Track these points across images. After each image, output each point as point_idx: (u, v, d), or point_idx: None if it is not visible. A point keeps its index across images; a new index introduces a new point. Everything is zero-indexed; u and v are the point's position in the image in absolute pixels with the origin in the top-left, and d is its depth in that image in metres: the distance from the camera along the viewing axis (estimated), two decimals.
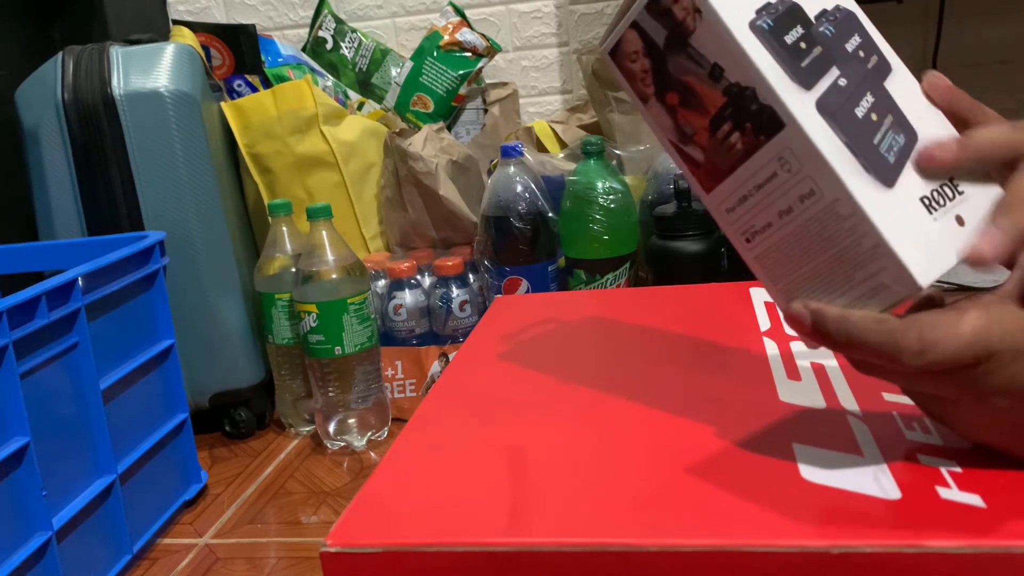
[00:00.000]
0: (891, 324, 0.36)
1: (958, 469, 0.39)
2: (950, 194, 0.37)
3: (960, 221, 0.37)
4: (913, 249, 0.36)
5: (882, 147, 0.37)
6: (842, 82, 0.37)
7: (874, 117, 0.37)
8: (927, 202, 0.37)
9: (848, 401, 0.46)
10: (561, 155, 1.32)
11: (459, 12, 1.54)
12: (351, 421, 1.12)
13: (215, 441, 1.21)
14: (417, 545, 0.37)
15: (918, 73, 0.41)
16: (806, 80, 0.37)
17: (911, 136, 0.38)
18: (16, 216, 1.21)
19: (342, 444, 1.13)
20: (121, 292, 0.93)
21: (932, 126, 0.39)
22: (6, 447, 0.74)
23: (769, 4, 0.37)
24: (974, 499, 0.36)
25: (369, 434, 1.13)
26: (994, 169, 0.39)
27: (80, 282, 0.84)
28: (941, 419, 0.40)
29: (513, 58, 1.67)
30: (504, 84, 1.61)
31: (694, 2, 0.37)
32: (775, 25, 0.37)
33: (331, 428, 1.12)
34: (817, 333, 0.37)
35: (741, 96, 0.37)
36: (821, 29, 0.38)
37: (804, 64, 0.37)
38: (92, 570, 0.86)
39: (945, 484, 0.37)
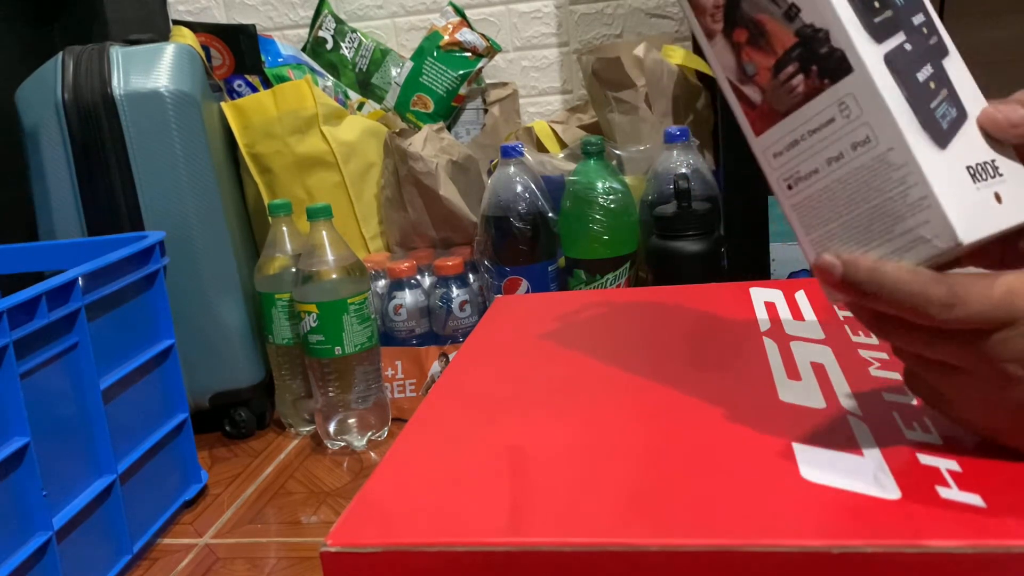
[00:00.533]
0: (924, 275, 0.36)
1: (958, 468, 0.39)
2: (992, 172, 0.39)
3: (998, 198, 0.38)
4: (958, 206, 0.37)
5: (937, 113, 0.38)
6: (908, 47, 0.39)
7: (932, 85, 0.39)
8: (972, 171, 0.38)
9: (848, 401, 0.46)
10: (561, 155, 1.32)
11: (459, 12, 1.54)
12: (351, 421, 1.12)
13: (215, 441, 1.21)
14: (417, 545, 0.37)
15: None
16: (877, 34, 0.38)
17: (962, 113, 0.39)
18: (16, 216, 1.21)
19: (342, 444, 1.13)
20: (121, 292, 0.93)
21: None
22: (6, 447, 0.74)
23: None
24: (974, 499, 0.36)
25: (369, 434, 1.13)
26: None
27: (80, 282, 0.84)
28: (942, 400, 0.40)
29: (513, 58, 1.67)
30: (504, 84, 1.61)
31: None
32: None
33: (331, 428, 1.12)
34: (847, 282, 0.38)
35: (813, 38, 0.38)
36: None
37: (877, 20, 0.38)
38: (92, 570, 0.86)
39: (945, 484, 0.37)
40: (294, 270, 1.12)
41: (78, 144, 1.09)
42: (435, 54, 1.49)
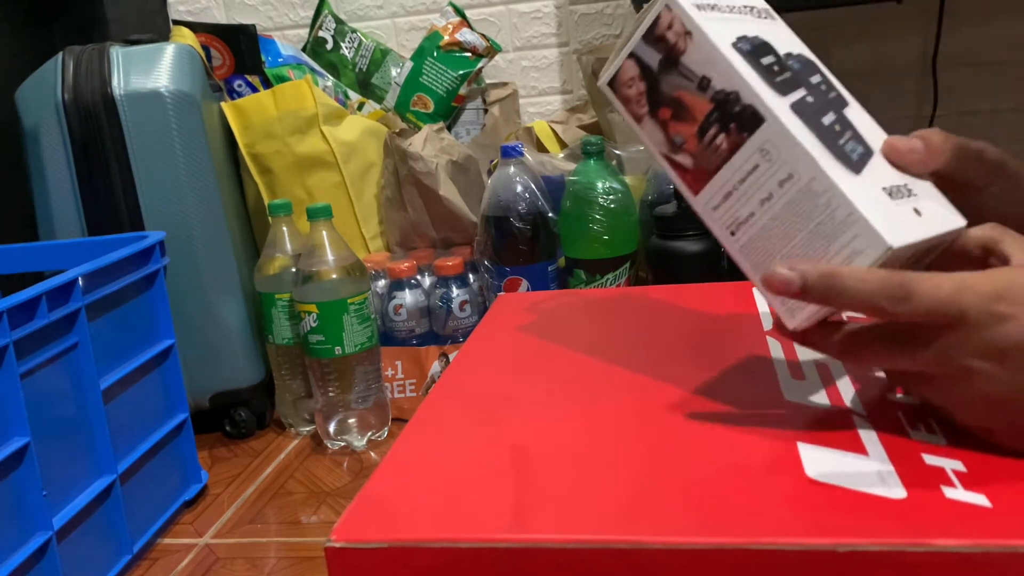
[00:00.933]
0: (877, 273, 0.39)
1: (963, 469, 0.39)
2: (907, 192, 0.43)
3: (918, 212, 0.42)
4: (881, 217, 0.40)
5: (846, 148, 0.43)
6: (809, 99, 0.44)
7: (837, 128, 0.44)
8: (888, 192, 0.42)
9: (853, 400, 0.46)
10: (561, 155, 1.32)
11: (459, 12, 1.54)
12: (351, 421, 1.12)
13: (215, 441, 1.20)
14: (422, 541, 0.37)
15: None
16: (781, 89, 0.43)
17: (868, 150, 0.43)
18: (16, 216, 1.21)
19: (342, 444, 1.13)
20: (121, 292, 0.92)
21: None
22: (6, 447, 0.74)
23: (745, 36, 0.44)
24: (980, 499, 0.36)
25: (369, 434, 1.13)
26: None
27: (80, 282, 0.84)
28: (938, 412, 0.41)
29: (513, 58, 1.67)
30: (504, 84, 1.61)
31: (684, 26, 0.44)
32: (752, 50, 0.44)
33: (331, 428, 1.12)
34: (806, 289, 0.40)
35: (726, 100, 0.43)
36: (790, 62, 0.45)
37: (778, 80, 0.43)
38: (92, 570, 0.86)
39: (950, 484, 0.37)
40: (294, 270, 1.12)
41: (78, 144, 1.09)
42: (435, 54, 1.49)
